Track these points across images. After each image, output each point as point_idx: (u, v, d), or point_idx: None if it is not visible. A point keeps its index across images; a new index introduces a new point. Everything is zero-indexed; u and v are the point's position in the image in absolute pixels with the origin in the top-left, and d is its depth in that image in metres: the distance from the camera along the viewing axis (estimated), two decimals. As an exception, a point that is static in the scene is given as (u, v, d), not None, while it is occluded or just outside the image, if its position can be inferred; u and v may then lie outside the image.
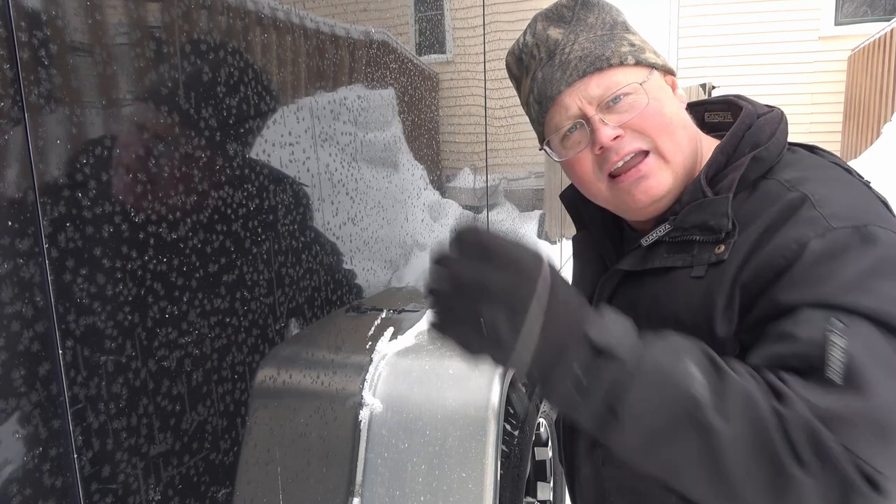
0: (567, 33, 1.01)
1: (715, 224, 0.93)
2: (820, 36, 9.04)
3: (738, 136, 0.99)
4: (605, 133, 0.97)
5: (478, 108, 2.15)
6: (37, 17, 0.60)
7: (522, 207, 2.87)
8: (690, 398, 0.73)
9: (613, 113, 0.98)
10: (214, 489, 0.87)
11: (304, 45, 1.09)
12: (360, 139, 1.30)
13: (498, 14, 2.29)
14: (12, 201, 0.59)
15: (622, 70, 0.99)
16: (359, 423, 1.30)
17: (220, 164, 0.87)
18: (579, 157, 1.01)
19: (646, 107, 0.97)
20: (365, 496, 1.29)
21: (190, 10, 0.81)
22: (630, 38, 1.02)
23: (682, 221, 0.97)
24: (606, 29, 1.01)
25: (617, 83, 0.98)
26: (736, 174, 0.95)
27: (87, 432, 0.67)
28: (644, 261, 1.03)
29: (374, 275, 1.40)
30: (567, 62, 0.99)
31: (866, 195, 0.92)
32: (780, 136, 0.98)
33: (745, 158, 0.96)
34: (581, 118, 0.99)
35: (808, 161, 0.98)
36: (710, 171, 0.98)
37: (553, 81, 1.00)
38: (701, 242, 0.95)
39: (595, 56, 0.98)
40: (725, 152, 0.98)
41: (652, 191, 0.98)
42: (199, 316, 0.83)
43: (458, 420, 1.25)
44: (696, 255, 0.95)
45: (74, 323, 0.65)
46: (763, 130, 0.99)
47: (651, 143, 0.97)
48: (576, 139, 1.01)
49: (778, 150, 0.98)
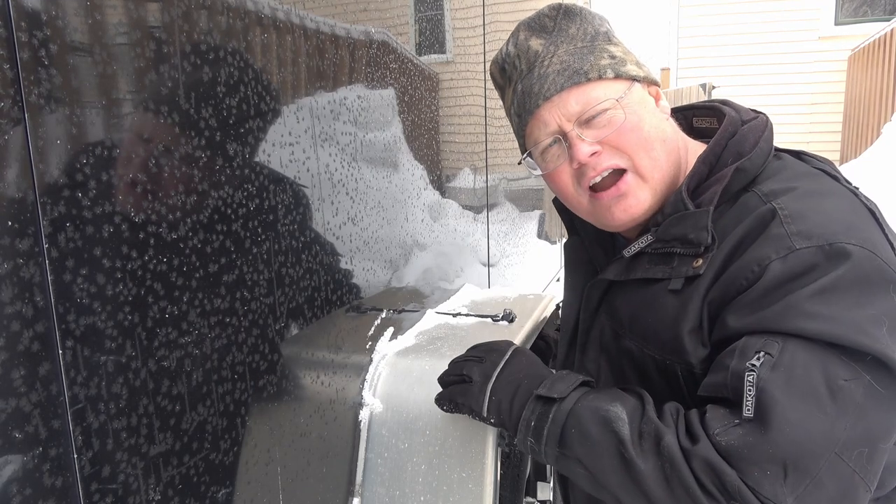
0: (547, 45, 1.01)
1: (695, 238, 0.93)
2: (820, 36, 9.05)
3: (720, 146, 0.99)
4: (583, 150, 0.97)
5: (478, 108, 2.15)
6: (37, 17, 0.60)
7: (522, 207, 2.87)
8: (616, 436, 0.87)
9: (591, 128, 0.98)
10: (214, 489, 0.87)
11: (305, 46, 1.09)
12: (360, 139, 1.30)
13: (498, 14, 2.29)
14: (12, 201, 0.59)
15: (601, 84, 0.98)
16: (359, 423, 1.30)
17: (219, 165, 0.87)
18: (558, 171, 1.02)
19: (623, 123, 0.97)
20: (365, 496, 1.29)
21: (190, 10, 0.81)
22: (611, 50, 1.01)
23: (663, 233, 0.97)
24: (587, 40, 1.01)
25: (595, 98, 0.97)
26: (718, 187, 0.95)
27: (87, 432, 0.67)
28: (627, 271, 1.04)
29: (374, 275, 1.40)
30: (545, 76, 0.99)
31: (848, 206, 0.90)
32: (764, 145, 0.98)
33: (727, 170, 0.95)
34: (559, 133, 1.00)
35: (792, 170, 0.97)
36: (692, 182, 0.98)
37: (532, 95, 1.00)
38: (681, 255, 0.95)
39: (573, 70, 0.98)
40: (707, 163, 0.98)
41: (631, 210, 0.99)
42: (199, 316, 0.83)
43: (458, 420, 1.25)
44: (675, 268, 0.95)
45: (74, 323, 0.65)
46: (746, 139, 0.98)
47: (628, 161, 0.98)
48: (555, 153, 1.02)
49: (762, 159, 0.97)
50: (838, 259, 0.82)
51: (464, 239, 1.99)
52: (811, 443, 0.76)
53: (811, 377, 0.78)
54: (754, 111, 1.05)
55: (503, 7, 2.40)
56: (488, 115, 2.22)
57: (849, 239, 0.83)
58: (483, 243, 2.21)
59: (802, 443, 0.76)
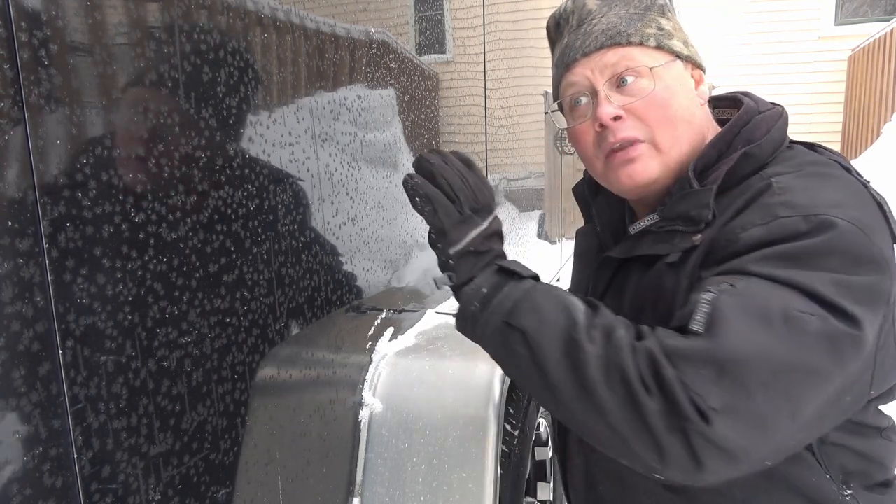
0: (602, 5, 1.03)
1: (696, 215, 0.93)
2: (820, 36, 9.04)
3: (733, 132, 0.99)
4: (607, 110, 0.98)
5: (478, 108, 2.15)
6: (37, 17, 0.60)
7: (522, 207, 2.87)
8: (570, 318, 0.87)
9: (620, 93, 0.99)
10: (214, 489, 0.87)
11: (305, 45, 1.09)
12: (360, 139, 1.30)
13: (498, 14, 2.29)
14: (12, 201, 0.59)
15: (640, 50, 0.99)
16: (359, 423, 1.30)
17: (219, 164, 0.87)
18: (582, 128, 1.03)
19: (652, 93, 0.97)
20: (365, 496, 1.29)
21: (190, 9, 0.81)
22: (661, 22, 1.02)
23: (668, 212, 0.98)
24: (641, 9, 1.02)
25: (631, 60, 0.98)
26: (723, 168, 0.95)
27: (87, 432, 0.67)
28: (631, 249, 1.05)
29: (374, 275, 1.40)
30: (590, 32, 1.01)
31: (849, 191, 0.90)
32: (776, 134, 0.98)
33: (735, 154, 0.96)
34: (590, 90, 1.01)
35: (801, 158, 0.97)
36: (700, 164, 0.98)
37: (574, 49, 1.02)
38: (682, 232, 0.96)
39: (617, 31, 0.99)
40: (717, 147, 0.99)
41: (637, 176, 0.99)
42: (198, 316, 0.83)
43: (458, 420, 1.25)
44: (675, 244, 0.96)
45: (74, 323, 0.65)
46: (759, 127, 0.98)
47: (649, 134, 0.98)
48: (583, 110, 1.03)
49: (772, 147, 0.97)
50: (821, 229, 0.82)
51: (464, 239, 1.98)
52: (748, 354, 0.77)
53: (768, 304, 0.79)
54: (773, 103, 1.06)
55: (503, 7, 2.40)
56: (488, 115, 2.22)
57: (835, 213, 0.83)
58: (483, 243, 2.21)
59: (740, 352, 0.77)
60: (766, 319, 0.78)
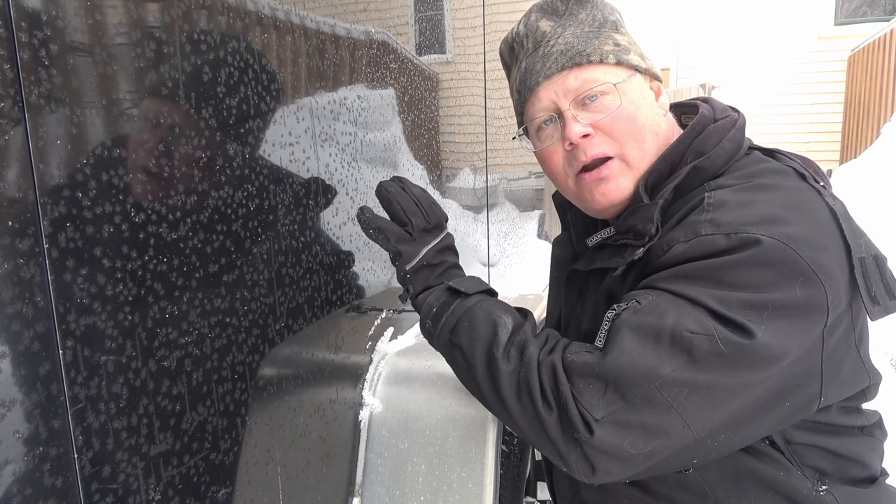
0: (556, 26, 1.03)
1: (642, 228, 0.95)
2: (820, 36, 9.05)
3: (685, 144, 1.00)
4: (575, 129, 0.99)
5: (478, 108, 2.15)
6: (37, 17, 0.60)
7: (522, 207, 2.87)
8: (494, 336, 0.95)
9: (587, 111, 0.99)
10: (214, 489, 0.87)
11: (305, 45, 1.09)
12: (360, 139, 1.30)
13: (498, 14, 2.29)
14: (12, 201, 0.59)
15: (601, 68, 1.00)
16: (359, 423, 1.30)
17: (220, 164, 0.87)
18: (551, 150, 1.04)
19: (618, 109, 0.98)
20: (365, 496, 1.29)
21: (190, 10, 0.81)
22: (617, 38, 1.02)
23: (620, 225, 1.01)
24: (595, 26, 1.02)
25: (594, 80, 0.99)
26: (672, 183, 0.97)
27: (87, 432, 0.67)
28: (591, 261, 1.08)
29: (374, 275, 1.40)
30: (549, 55, 1.01)
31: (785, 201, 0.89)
32: (728, 144, 0.98)
33: (684, 169, 0.97)
34: (555, 112, 1.02)
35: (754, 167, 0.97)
36: (651, 178, 0.99)
37: (533, 72, 1.03)
38: (632, 246, 0.98)
39: (576, 51, 1.00)
40: (668, 160, 1.00)
41: (610, 194, 1.01)
42: (199, 316, 0.83)
43: (458, 420, 1.25)
44: (626, 257, 0.99)
45: (74, 323, 0.65)
46: (710, 138, 0.99)
47: (618, 150, 0.99)
48: (549, 132, 1.04)
49: (723, 158, 0.98)
50: (742, 246, 0.85)
51: (464, 239, 1.99)
52: (633, 372, 0.83)
53: (662, 322, 0.84)
54: (732, 109, 1.06)
55: (503, 7, 2.40)
56: (488, 115, 2.22)
57: (758, 230, 0.84)
58: (483, 243, 2.21)
59: (625, 369, 0.84)
60: (656, 338, 0.84)
